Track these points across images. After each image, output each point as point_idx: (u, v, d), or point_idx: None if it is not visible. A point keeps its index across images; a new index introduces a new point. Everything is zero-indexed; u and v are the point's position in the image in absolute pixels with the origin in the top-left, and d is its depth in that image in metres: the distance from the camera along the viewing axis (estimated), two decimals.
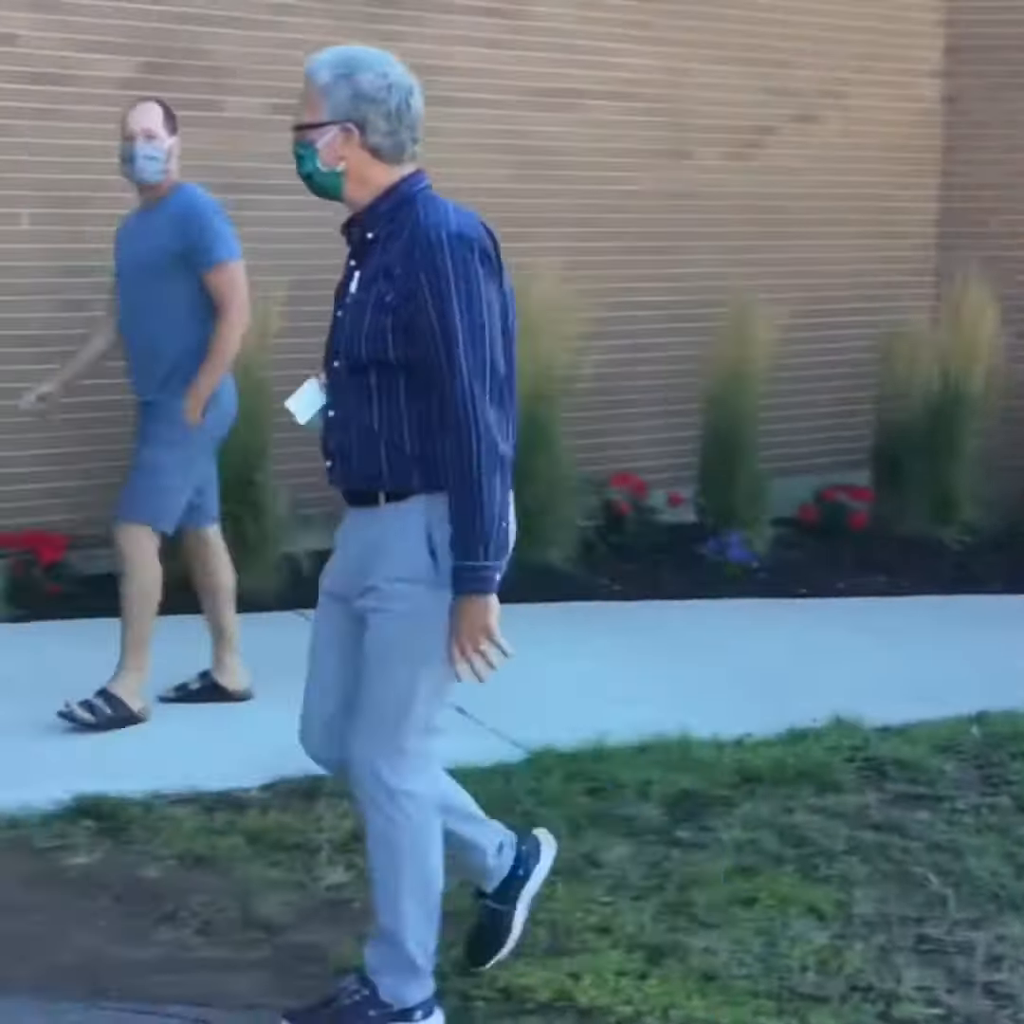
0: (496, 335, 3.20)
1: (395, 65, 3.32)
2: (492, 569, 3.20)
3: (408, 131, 3.30)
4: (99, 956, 3.71)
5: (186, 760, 4.91)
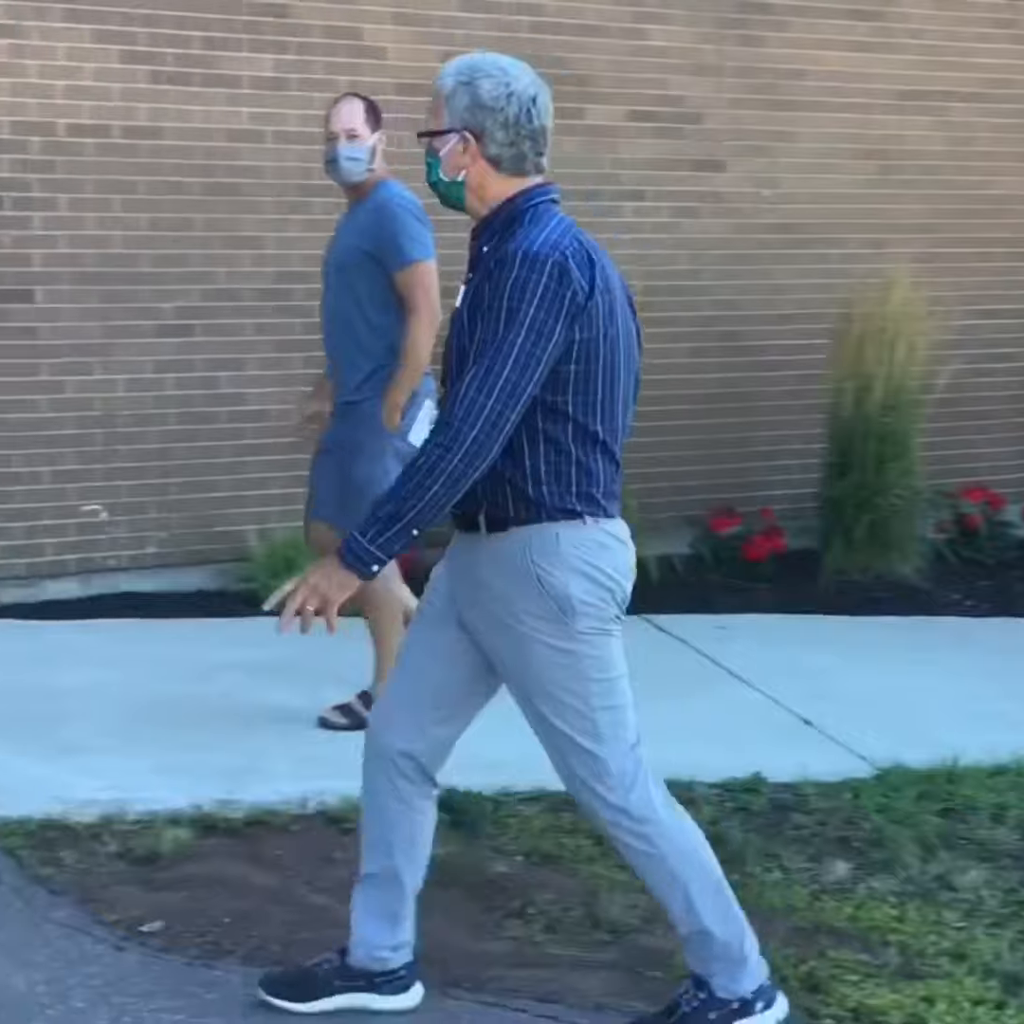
0: (532, 362, 3.07)
1: (522, 75, 3.21)
2: (367, 553, 3.09)
3: (530, 143, 3.20)
4: (450, 946, 3.79)
5: (532, 758, 4.97)
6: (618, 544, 3.26)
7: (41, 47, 6.43)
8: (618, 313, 3.20)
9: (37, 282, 6.58)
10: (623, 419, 3.28)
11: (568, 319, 3.09)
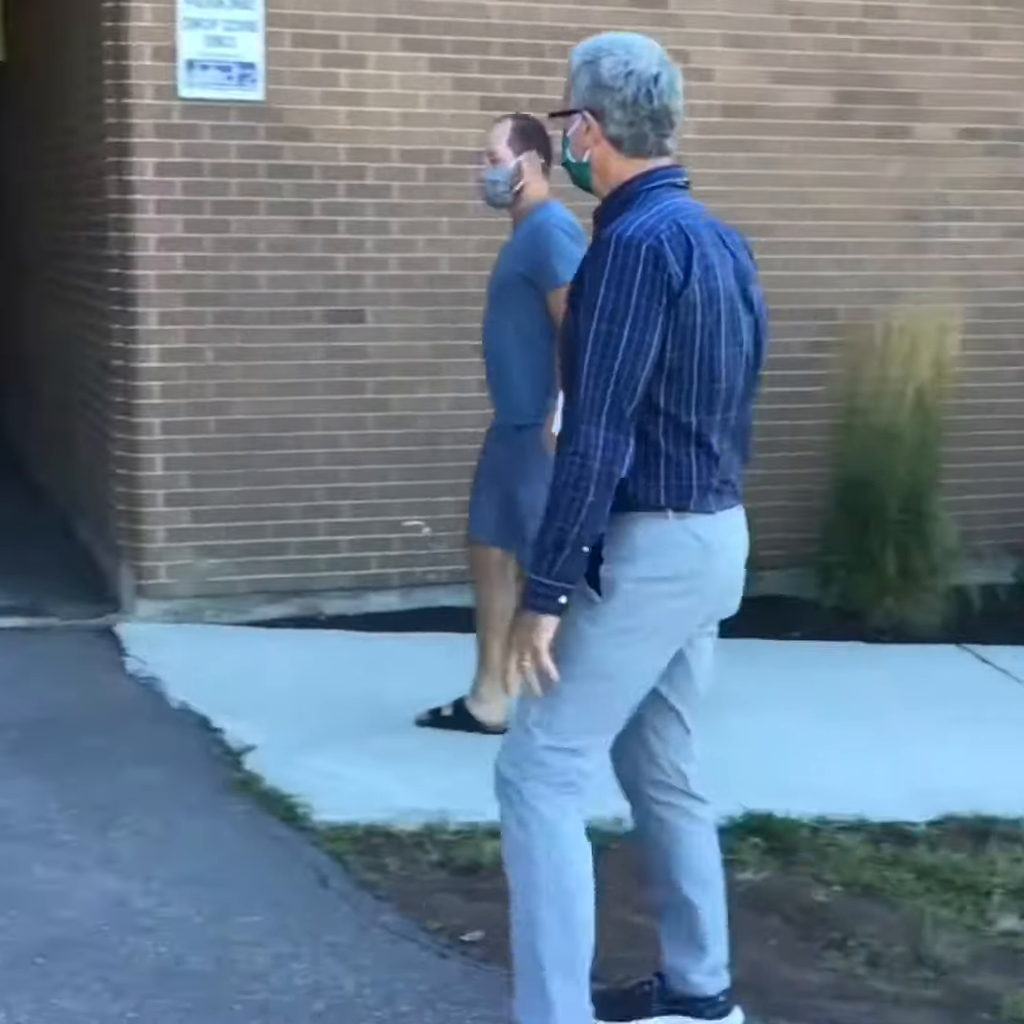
0: (637, 347, 2.98)
1: (645, 53, 3.11)
2: (547, 587, 3.01)
3: (651, 123, 3.11)
4: (768, 974, 3.75)
5: (852, 786, 4.91)
6: (699, 546, 3.12)
7: (378, 76, 6.64)
8: (720, 301, 3.08)
9: (368, 303, 6.79)
10: (729, 412, 3.15)
11: (665, 305, 3.00)
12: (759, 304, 3.22)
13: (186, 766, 4.95)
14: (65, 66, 7.87)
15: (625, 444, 3.01)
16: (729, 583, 3.24)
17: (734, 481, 3.22)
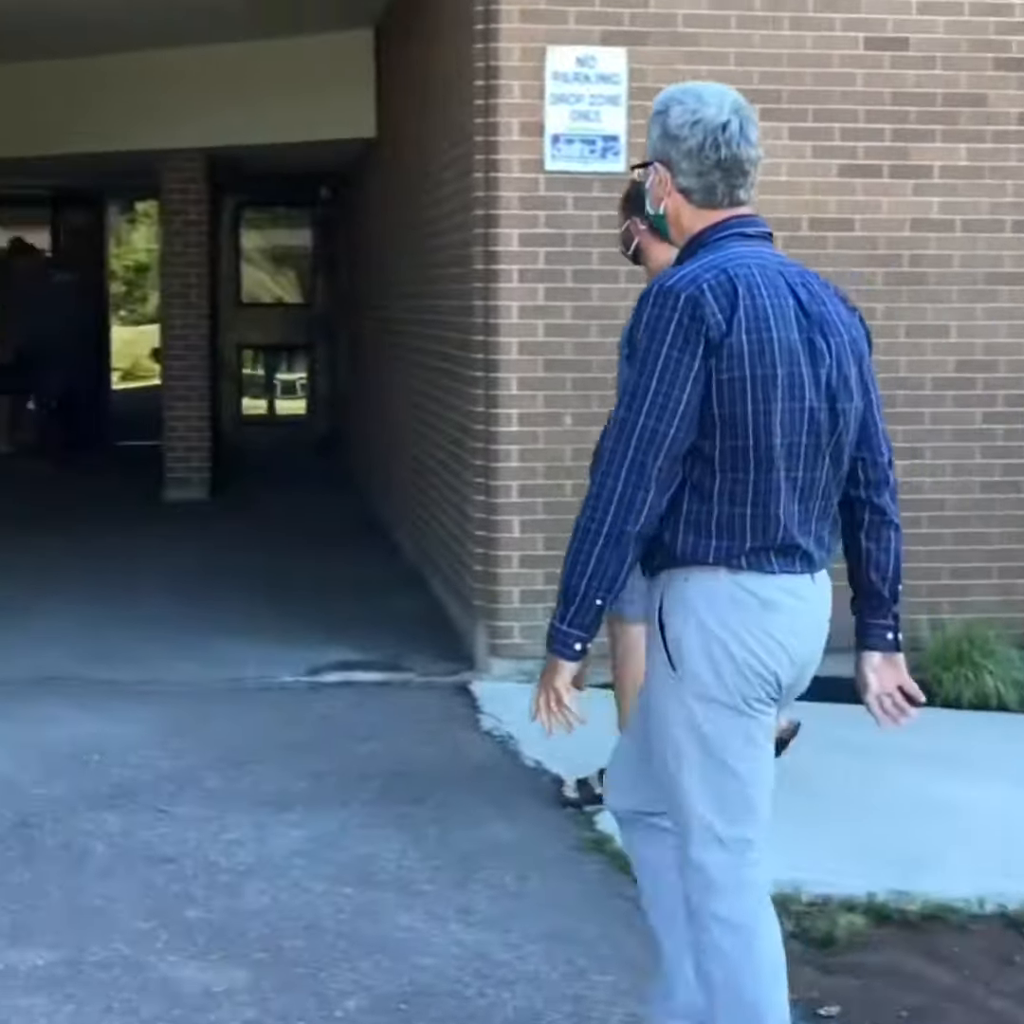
0: (671, 403, 2.89)
1: (715, 101, 3.02)
2: (563, 634, 2.99)
3: (720, 173, 3.02)
4: None
5: None
6: (756, 603, 2.97)
7: None
8: (776, 353, 2.93)
9: None
10: (796, 472, 2.99)
11: (704, 356, 2.91)
12: (839, 359, 3.04)
13: (540, 823, 5.03)
14: (434, 142, 8.19)
15: (642, 502, 2.93)
16: (799, 654, 3.04)
17: (804, 546, 3.03)
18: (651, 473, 2.93)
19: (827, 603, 3.12)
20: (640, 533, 2.95)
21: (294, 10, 10.35)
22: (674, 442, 2.92)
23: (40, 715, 6.14)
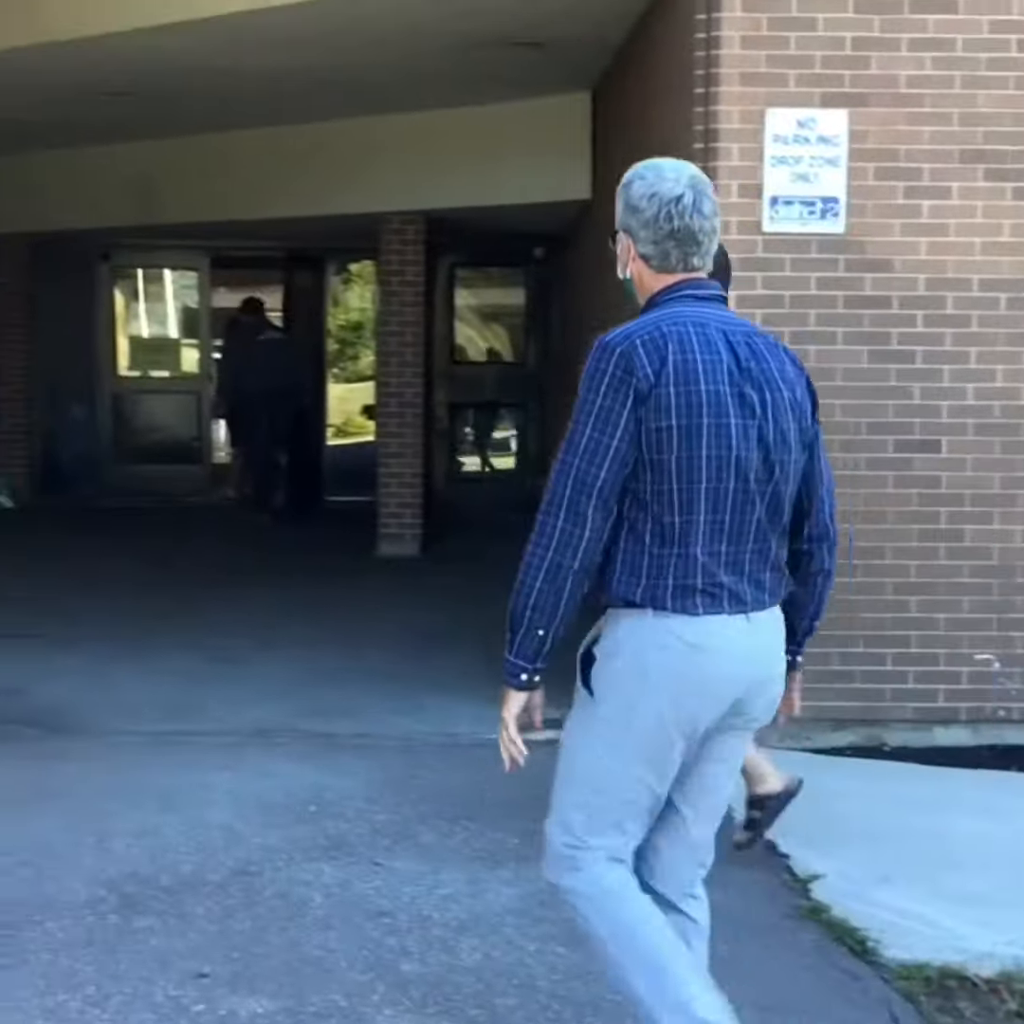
0: (601, 449, 3.14)
1: (672, 176, 3.29)
2: (510, 664, 3.24)
3: (673, 242, 3.27)
4: None
5: None
6: (681, 646, 3.19)
7: (961, 206, 6.62)
8: (703, 405, 3.15)
9: (943, 432, 6.73)
10: (719, 515, 3.19)
11: (633, 406, 3.14)
12: (774, 414, 3.24)
13: (753, 889, 4.98)
14: None
15: (578, 539, 3.16)
16: (729, 692, 3.25)
17: (732, 586, 3.22)
18: (586, 512, 3.17)
19: (771, 636, 3.33)
20: (580, 568, 3.19)
21: (513, 75, 10.53)
22: (605, 483, 3.17)
23: (259, 766, 6.28)
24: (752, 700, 3.31)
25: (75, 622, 9.25)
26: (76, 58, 9.78)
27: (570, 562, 3.18)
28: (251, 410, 14.87)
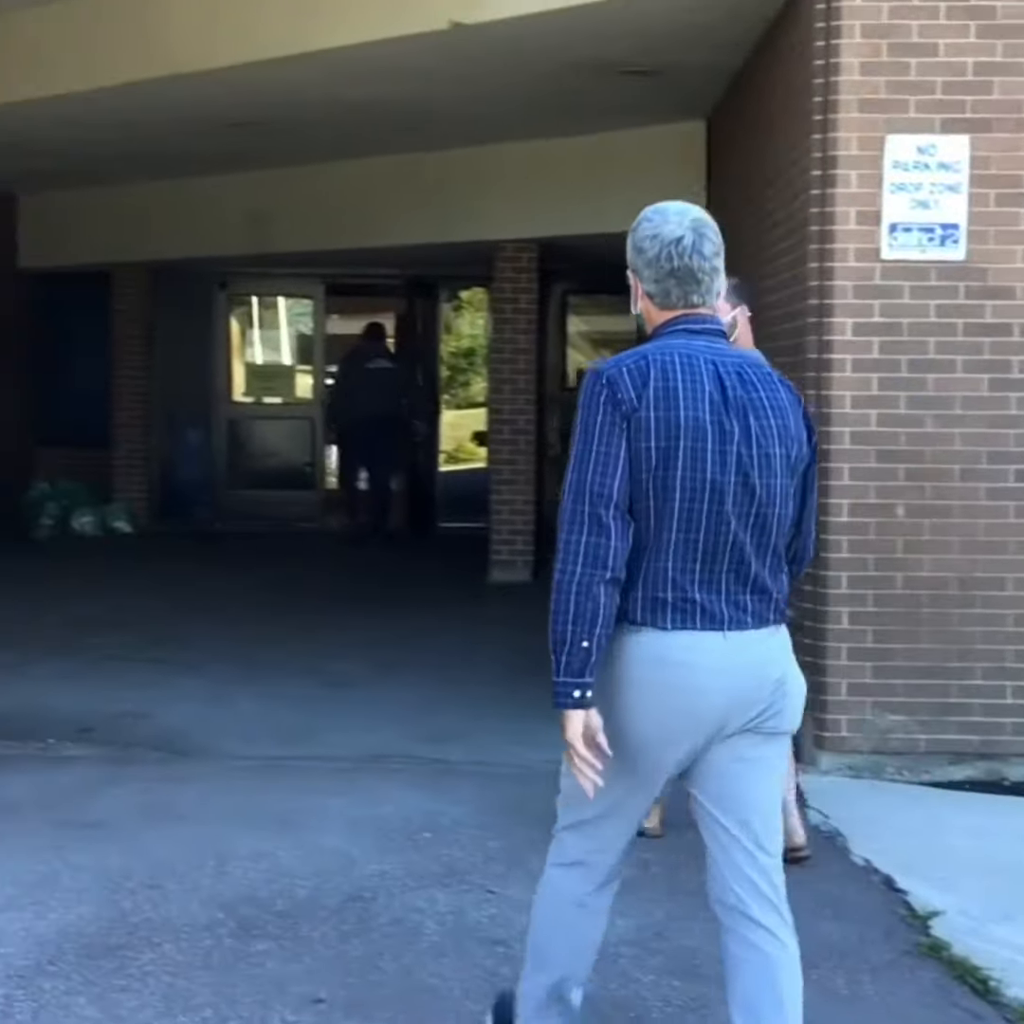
0: (606, 461, 3.31)
1: (675, 218, 3.44)
2: (560, 685, 3.30)
3: (673, 280, 3.43)
4: None
5: None
6: (651, 658, 3.33)
7: None
8: (680, 429, 3.31)
9: None
10: (692, 534, 3.33)
11: (620, 425, 3.33)
12: (757, 439, 3.37)
13: (870, 925, 4.92)
14: (765, 231, 8.21)
15: (606, 548, 3.30)
16: (705, 706, 3.34)
17: (704, 603, 3.34)
18: (608, 522, 3.32)
19: (758, 655, 3.39)
20: (612, 578, 3.31)
21: (627, 103, 10.55)
22: (618, 492, 3.33)
23: (374, 791, 6.31)
24: (747, 713, 3.39)
25: (194, 647, 9.37)
26: (198, 90, 9.95)
27: (601, 573, 3.30)
28: (357, 436, 15.04)
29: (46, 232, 15.32)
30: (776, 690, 3.43)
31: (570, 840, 3.64)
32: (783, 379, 3.51)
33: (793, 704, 3.48)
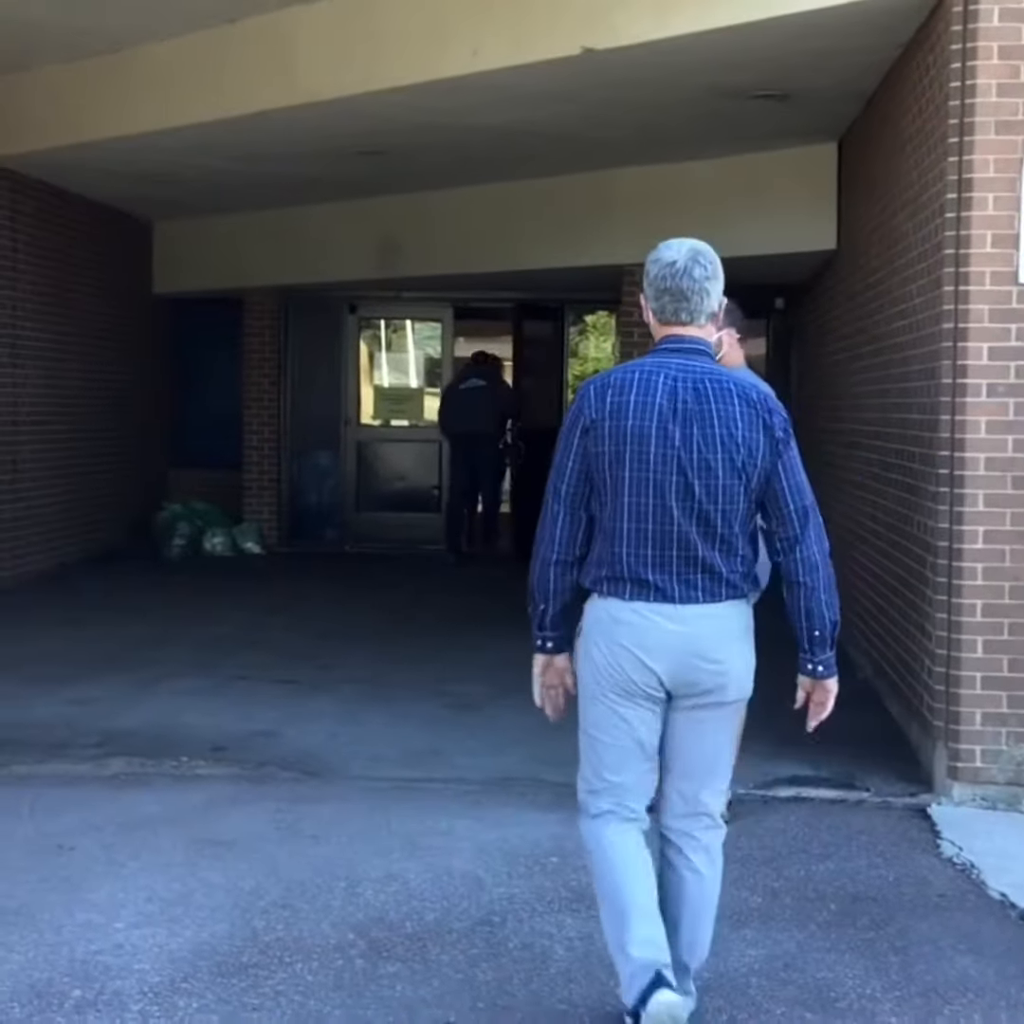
0: (565, 466, 4.09)
1: (675, 247, 4.07)
2: (533, 635, 4.26)
3: (668, 297, 4.07)
4: None
5: None
6: (609, 619, 4.07)
7: None
8: (627, 435, 3.98)
9: None
10: (642, 524, 3.99)
11: (581, 435, 4.06)
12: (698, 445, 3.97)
13: (1008, 961, 4.82)
14: (898, 254, 8.13)
15: (552, 536, 4.12)
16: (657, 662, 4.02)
17: (655, 582, 4.01)
18: (557, 514, 4.12)
19: (704, 627, 4.03)
20: (557, 561, 4.13)
21: (757, 127, 10.51)
22: (567, 493, 4.11)
23: (501, 815, 6.32)
24: (694, 676, 4.04)
25: (323, 667, 9.45)
26: (330, 118, 10.08)
27: (550, 555, 4.14)
28: (457, 454, 15.32)
29: (179, 258, 15.62)
30: (721, 659, 4.05)
31: (590, 791, 4.20)
32: (744, 393, 4.04)
33: (738, 675, 4.09)
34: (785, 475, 4.05)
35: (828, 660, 4.13)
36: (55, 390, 13.46)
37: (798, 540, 4.05)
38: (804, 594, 4.06)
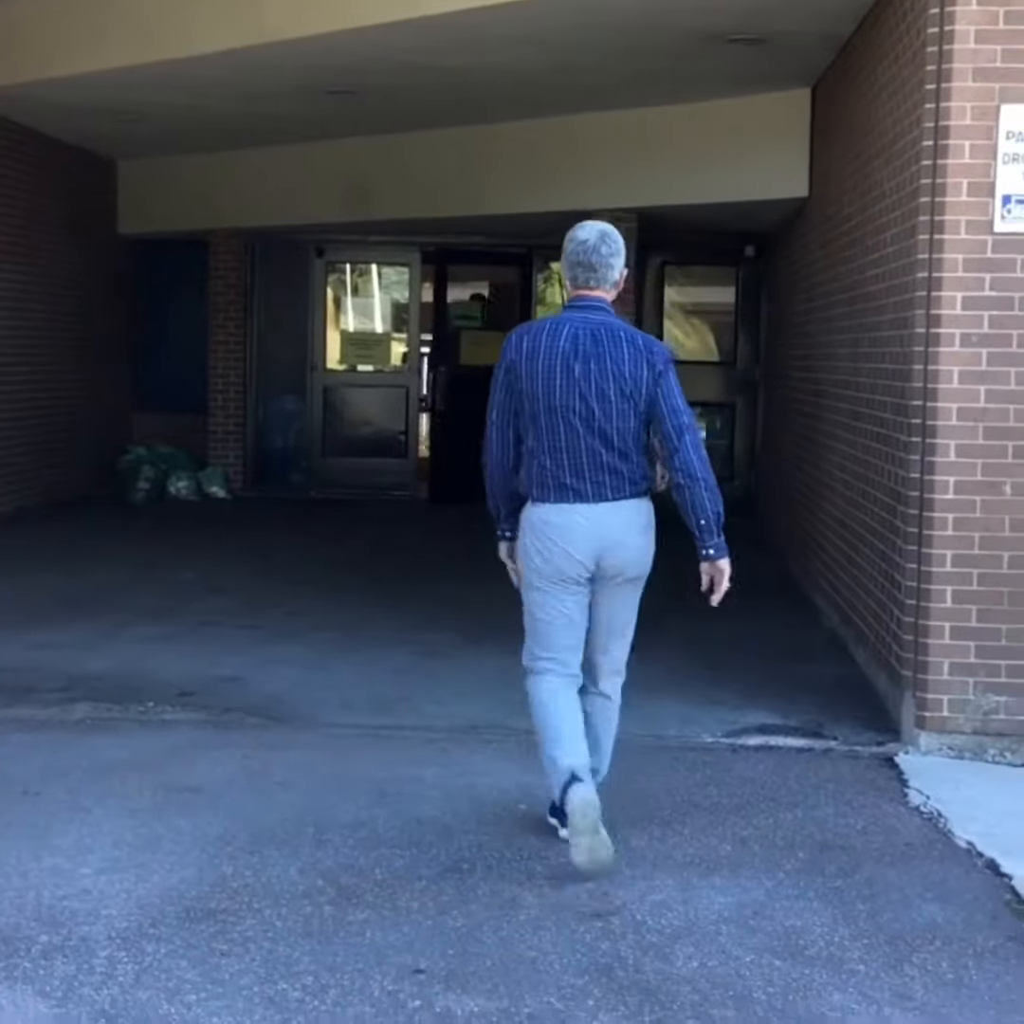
0: (495, 396, 5.16)
1: (588, 228, 5.08)
2: (497, 527, 5.37)
3: (581, 270, 5.08)
4: None
5: None
6: (539, 520, 5.11)
7: None
8: (538, 374, 5.03)
9: None
10: (557, 441, 5.05)
11: (506, 373, 5.12)
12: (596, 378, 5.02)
13: (975, 909, 4.84)
14: (871, 202, 8.08)
15: (489, 452, 5.22)
16: (582, 550, 5.08)
17: (574, 486, 5.06)
18: (491, 436, 5.20)
19: (614, 517, 5.10)
20: (497, 471, 5.21)
21: (732, 72, 10.43)
22: (498, 420, 5.18)
23: (468, 762, 6.31)
24: (608, 558, 5.10)
25: (291, 613, 9.42)
26: (300, 57, 9.97)
27: (492, 468, 5.23)
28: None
29: (144, 198, 15.46)
30: (629, 544, 5.11)
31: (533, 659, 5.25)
32: (632, 338, 5.07)
33: (642, 556, 5.17)
34: (664, 399, 5.04)
35: (718, 544, 5.07)
36: (16, 331, 13.32)
37: (676, 450, 5.03)
38: (687, 492, 5.03)
